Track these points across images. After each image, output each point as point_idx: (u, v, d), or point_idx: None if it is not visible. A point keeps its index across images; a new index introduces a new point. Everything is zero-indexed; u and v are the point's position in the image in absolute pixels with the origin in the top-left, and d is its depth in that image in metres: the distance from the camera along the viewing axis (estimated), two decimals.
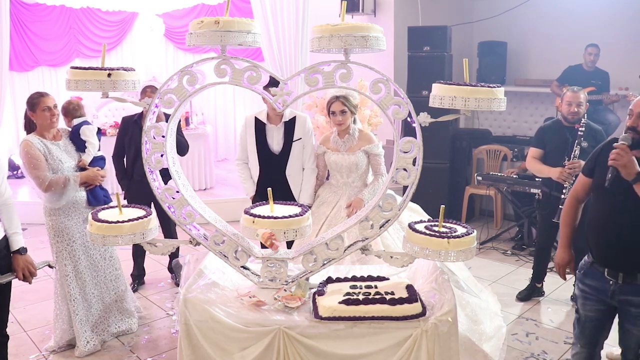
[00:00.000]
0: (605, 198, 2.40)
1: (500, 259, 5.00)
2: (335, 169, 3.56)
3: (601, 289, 2.43)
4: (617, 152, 2.23)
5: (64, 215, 3.28)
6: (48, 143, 3.23)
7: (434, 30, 5.71)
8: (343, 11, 2.42)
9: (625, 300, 2.37)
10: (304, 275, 2.58)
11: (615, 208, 2.34)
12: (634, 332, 2.39)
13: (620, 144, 2.26)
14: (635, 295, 2.34)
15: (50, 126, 3.22)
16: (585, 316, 2.53)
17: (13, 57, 7.47)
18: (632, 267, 2.33)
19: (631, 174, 2.21)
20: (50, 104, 3.17)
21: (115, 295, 3.56)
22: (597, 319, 2.50)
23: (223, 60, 2.41)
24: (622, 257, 2.34)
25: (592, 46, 5.66)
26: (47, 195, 3.22)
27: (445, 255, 2.29)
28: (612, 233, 2.35)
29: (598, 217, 2.43)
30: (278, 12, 5.81)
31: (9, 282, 2.65)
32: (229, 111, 9.37)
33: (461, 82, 2.23)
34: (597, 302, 2.47)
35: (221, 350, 2.30)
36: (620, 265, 2.36)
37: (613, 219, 2.35)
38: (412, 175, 2.43)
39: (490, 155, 6.12)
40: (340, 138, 3.54)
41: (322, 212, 3.54)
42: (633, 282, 2.33)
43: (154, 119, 2.58)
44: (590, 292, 2.48)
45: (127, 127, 4.23)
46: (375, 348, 2.26)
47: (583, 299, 2.52)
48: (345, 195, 3.53)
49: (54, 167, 3.20)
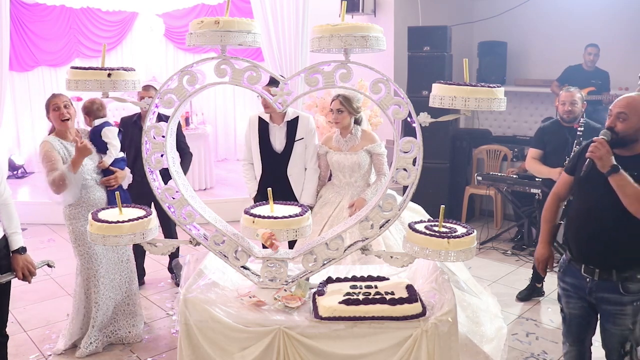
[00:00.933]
0: (582, 194, 2.45)
1: (500, 259, 5.00)
2: (338, 168, 3.56)
3: (579, 287, 2.47)
4: (596, 145, 2.29)
5: (84, 219, 3.20)
6: (68, 145, 3.20)
7: (434, 30, 5.71)
8: (343, 11, 2.42)
9: (601, 297, 2.40)
10: (304, 275, 2.58)
11: (591, 205, 2.39)
12: (613, 330, 2.41)
13: (599, 137, 2.31)
14: (611, 293, 2.36)
15: (63, 126, 3.17)
16: (570, 314, 2.56)
17: (13, 57, 7.47)
18: (607, 264, 2.36)
19: (606, 166, 2.26)
20: (60, 103, 3.14)
21: (127, 298, 3.51)
22: (580, 317, 2.53)
23: (223, 60, 2.41)
24: (597, 254, 2.38)
25: (592, 46, 5.66)
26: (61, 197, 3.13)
27: (445, 255, 2.29)
28: (588, 229, 2.40)
29: (576, 214, 2.48)
30: (278, 12, 5.81)
31: (9, 282, 2.65)
32: (229, 111, 9.37)
33: (461, 82, 2.23)
34: (578, 299, 2.50)
35: (221, 350, 2.30)
36: (596, 261, 2.39)
37: (589, 216, 2.39)
38: (412, 175, 2.43)
39: (490, 155, 6.12)
40: (343, 137, 3.54)
41: (324, 212, 3.53)
42: (609, 279, 2.36)
43: (154, 119, 2.58)
44: (571, 290, 2.52)
45: (127, 128, 4.22)
46: (375, 348, 2.26)
47: (566, 297, 2.57)
48: (348, 195, 3.52)
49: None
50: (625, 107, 2.30)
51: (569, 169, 2.58)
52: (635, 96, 2.32)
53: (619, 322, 2.37)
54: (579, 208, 2.47)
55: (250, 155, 3.81)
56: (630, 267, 2.33)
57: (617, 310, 2.36)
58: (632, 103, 2.30)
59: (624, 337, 2.39)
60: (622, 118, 2.29)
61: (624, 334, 2.38)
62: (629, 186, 2.22)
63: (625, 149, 2.33)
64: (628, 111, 2.29)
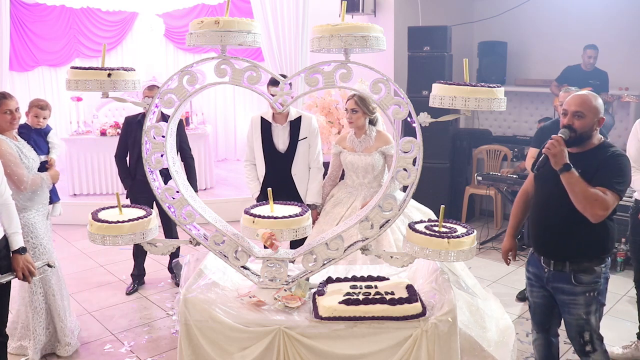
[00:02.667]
0: (538, 188, 2.58)
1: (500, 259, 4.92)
2: (351, 169, 3.52)
3: (540, 276, 2.60)
4: (552, 142, 2.36)
5: (35, 211, 3.25)
6: (17, 143, 3.22)
7: (434, 30, 5.70)
8: (343, 11, 2.42)
9: (556, 287, 2.52)
10: (304, 275, 2.58)
11: (545, 198, 2.51)
12: (569, 320, 2.53)
13: (557, 135, 2.38)
14: (565, 283, 2.48)
15: (11, 128, 3.21)
16: (534, 303, 2.70)
17: (13, 57, 7.47)
18: (560, 255, 2.48)
19: (559, 163, 2.34)
20: (13, 107, 3.17)
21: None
22: (543, 305, 2.66)
23: (223, 60, 2.41)
24: (551, 245, 2.50)
25: (591, 49, 5.61)
26: (26, 194, 3.17)
27: (445, 255, 2.29)
28: (543, 222, 2.53)
29: (533, 208, 2.63)
30: (278, 12, 5.82)
31: (9, 282, 2.65)
32: (229, 111, 9.37)
33: (461, 82, 2.24)
34: (540, 288, 2.63)
35: (221, 350, 2.31)
36: (551, 253, 2.51)
37: (544, 209, 2.52)
38: (412, 175, 2.43)
39: (491, 155, 6.12)
40: (357, 138, 3.50)
41: (336, 212, 3.49)
42: (562, 270, 2.47)
43: (153, 119, 2.58)
44: (533, 279, 2.66)
45: (131, 127, 4.22)
46: (375, 348, 2.26)
47: (529, 286, 2.71)
48: (361, 196, 3.47)
49: (28, 166, 3.18)
50: (580, 105, 2.39)
51: (533, 164, 2.65)
52: (587, 94, 2.44)
53: (573, 312, 2.49)
54: (536, 202, 2.61)
55: (252, 156, 3.80)
56: (582, 259, 2.44)
57: (570, 300, 2.48)
58: (587, 101, 2.40)
59: (579, 326, 2.49)
60: (579, 116, 2.39)
61: (579, 323, 2.49)
62: (577, 184, 2.31)
63: (578, 147, 2.42)
64: (583, 110, 2.38)
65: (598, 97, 2.44)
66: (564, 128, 2.42)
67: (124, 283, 4.55)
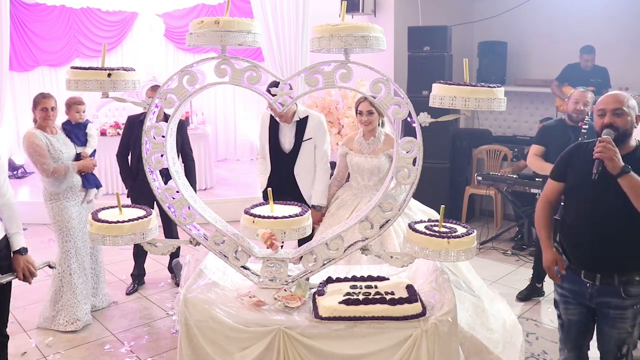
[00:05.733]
0: (583, 199, 2.40)
1: (500, 259, 5.00)
2: (357, 171, 3.49)
3: (579, 292, 2.45)
4: (604, 145, 2.26)
5: (64, 198, 3.72)
6: (49, 136, 3.68)
7: (434, 30, 5.70)
8: (343, 11, 2.42)
9: (603, 302, 2.38)
10: (304, 275, 2.58)
11: (602, 211, 2.34)
12: (612, 334, 2.40)
13: (605, 137, 2.29)
14: (613, 297, 2.35)
15: (47, 124, 3.68)
16: (569, 320, 2.54)
17: (13, 57, 7.47)
18: (609, 268, 2.34)
19: (617, 167, 2.24)
20: (48, 105, 3.64)
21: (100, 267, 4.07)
22: (580, 322, 2.51)
23: (223, 60, 2.41)
24: (600, 258, 2.35)
25: (587, 53, 5.56)
26: (50, 181, 3.65)
27: (445, 255, 2.29)
28: (591, 234, 2.36)
29: (576, 219, 2.44)
30: (278, 12, 5.81)
31: (9, 282, 2.65)
32: (229, 111, 9.37)
33: (461, 82, 2.24)
34: (577, 305, 2.48)
35: (221, 350, 2.31)
36: (598, 266, 2.37)
37: (600, 223, 2.34)
38: (412, 175, 2.43)
39: (490, 155, 6.12)
40: (365, 140, 3.48)
41: (341, 214, 3.46)
42: (610, 284, 2.34)
43: (153, 119, 2.58)
44: (569, 296, 2.50)
45: (133, 126, 4.21)
46: (375, 348, 2.26)
47: (564, 304, 2.54)
48: (366, 198, 3.42)
49: (55, 156, 3.63)
50: (619, 102, 2.33)
51: (556, 175, 2.55)
52: (621, 92, 2.38)
53: (619, 326, 2.37)
54: (576, 212, 2.44)
55: (263, 152, 3.80)
56: (631, 271, 2.33)
57: (618, 314, 2.36)
58: (624, 99, 2.34)
59: (621, 340, 2.39)
60: (618, 113, 2.31)
61: (622, 337, 2.38)
62: None
63: (621, 147, 2.32)
64: (622, 106, 2.32)
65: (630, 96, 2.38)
66: (606, 128, 2.32)
67: (124, 283, 4.55)
